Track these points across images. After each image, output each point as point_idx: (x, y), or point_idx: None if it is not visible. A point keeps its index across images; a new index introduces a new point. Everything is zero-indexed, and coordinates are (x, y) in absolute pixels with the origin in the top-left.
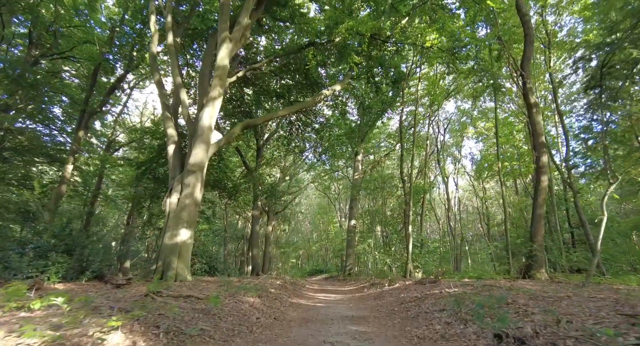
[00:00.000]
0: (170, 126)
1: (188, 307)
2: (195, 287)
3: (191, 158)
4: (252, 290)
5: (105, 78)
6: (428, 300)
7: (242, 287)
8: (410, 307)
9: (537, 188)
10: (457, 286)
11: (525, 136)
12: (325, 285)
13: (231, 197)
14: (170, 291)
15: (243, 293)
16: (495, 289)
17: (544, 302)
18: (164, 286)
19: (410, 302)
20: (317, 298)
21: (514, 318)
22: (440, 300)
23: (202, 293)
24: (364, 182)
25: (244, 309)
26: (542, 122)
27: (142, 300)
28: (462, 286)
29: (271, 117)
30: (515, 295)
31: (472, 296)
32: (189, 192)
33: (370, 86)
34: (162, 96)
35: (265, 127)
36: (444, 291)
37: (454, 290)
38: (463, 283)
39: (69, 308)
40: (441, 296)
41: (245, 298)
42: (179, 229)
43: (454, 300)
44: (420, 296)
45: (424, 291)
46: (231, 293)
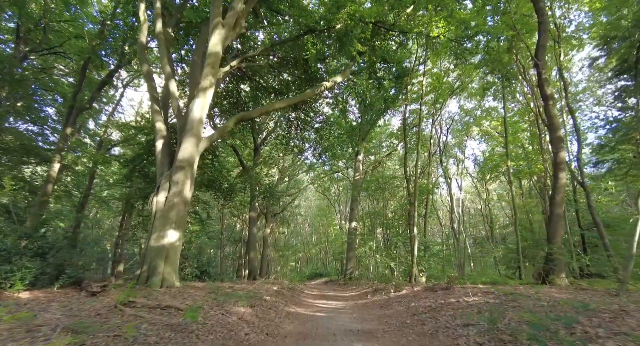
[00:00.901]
0: (158, 119)
1: (161, 322)
2: (181, 295)
3: (180, 153)
4: (243, 298)
5: (97, 76)
6: (445, 310)
7: (233, 295)
8: (425, 320)
9: (555, 186)
10: (476, 294)
11: (530, 136)
12: (325, 290)
13: (227, 198)
14: (149, 300)
15: (233, 302)
16: (523, 298)
17: (599, 319)
18: (145, 293)
19: (424, 313)
20: (317, 306)
21: (578, 344)
22: (460, 312)
23: (185, 303)
24: (365, 183)
25: (230, 323)
26: (558, 115)
27: (108, 313)
28: (482, 294)
29: (267, 110)
30: (554, 307)
31: (500, 308)
32: (178, 190)
33: (372, 82)
34: (150, 88)
35: (263, 125)
36: (461, 300)
37: (473, 298)
38: (480, 290)
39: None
40: (460, 307)
41: (234, 308)
42: (166, 230)
43: (477, 311)
44: (435, 306)
45: (438, 300)
46: (219, 302)
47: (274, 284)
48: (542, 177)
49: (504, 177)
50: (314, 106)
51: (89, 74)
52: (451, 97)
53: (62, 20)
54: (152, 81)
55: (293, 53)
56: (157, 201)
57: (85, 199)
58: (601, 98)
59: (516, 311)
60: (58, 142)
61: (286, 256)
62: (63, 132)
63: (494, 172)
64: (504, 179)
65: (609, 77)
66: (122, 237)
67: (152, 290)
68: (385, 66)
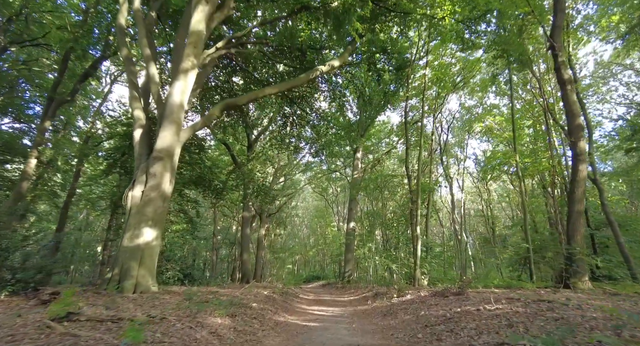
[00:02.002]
0: (137, 107)
1: (101, 342)
2: (150, 302)
3: (158, 142)
4: (224, 306)
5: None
6: (464, 321)
7: (212, 302)
8: (441, 334)
9: (574, 179)
10: (499, 300)
11: (534, 133)
12: (322, 294)
13: (217, 196)
14: (106, 310)
15: (210, 310)
16: (559, 307)
17: None
18: (108, 301)
19: (438, 324)
20: (311, 314)
21: None
22: (485, 324)
23: (149, 313)
24: (364, 182)
25: (198, 339)
26: (577, 102)
27: (36, 330)
28: (505, 301)
29: (257, 95)
30: (609, 320)
31: (536, 319)
32: (155, 183)
33: (372, 74)
34: (130, 73)
35: (257, 121)
36: (482, 308)
37: (496, 306)
38: (499, 295)
39: None
40: (483, 317)
41: (209, 319)
42: (141, 228)
43: (506, 323)
44: (450, 315)
45: (452, 308)
46: (192, 311)
47: (266, 288)
48: (550, 175)
49: (506, 176)
50: (310, 100)
51: (72, 66)
52: (453, 92)
53: (45, 10)
54: (131, 65)
55: (287, 42)
56: (132, 196)
57: (69, 199)
58: (606, 94)
59: (562, 324)
60: (36, 136)
61: (283, 259)
62: (41, 125)
63: (496, 170)
64: (505, 178)
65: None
66: (109, 238)
67: (120, 296)
68: (386, 57)
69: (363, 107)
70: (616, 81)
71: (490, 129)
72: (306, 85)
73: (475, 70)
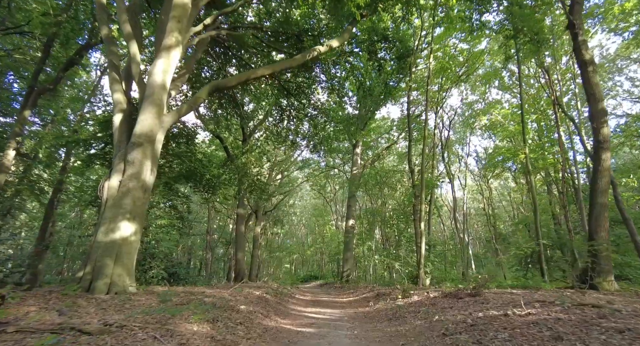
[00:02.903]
0: (117, 90)
1: None
2: (120, 305)
3: (137, 126)
4: (204, 309)
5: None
6: (493, 330)
7: (193, 304)
8: (465, 345)
9: (597, 169)
10: (531, 304)
11: (539, 128)
12: (319, 294)
13: (209, 191)
14: (61, 317)
15: (187, 315)
16: (612, 314)
17: None
18: (68, 303)
19: (459, 333)
20: (307, 317)
21: None
22: (520, 333)
23: (105, 320)
24: (363, 178)
25: None
26: (599, 84)
27: None
28: (539, 305)
29: (248, 76)
30: None
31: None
32: (134, 172)
33: (372, 63)
34: (110, 53)
35: (253, 114)
36: (510, 313)
37: (527, 311)
38: (529, 298)
39: None
40: (515, 325)
41: (183, 325)
42: (118, 222)
43: (553, 335)
44: (472, 321)
45: (472, 312)
46: (163, 317)
47: (260, 288)
48: (557, 170)
49: (508, 173)
50: (308, 92)
51: (57, 54)
52: (456, 86)
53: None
54: (112, 45)
55: (282, 27)
56: (108, 187)
57: (55, 195)
58: (612, 89)
59: (632, 339)
60: (15, 126)
61: (280, 258)
62: (20, 115)
63: (500, 166)
64: (507, 175)
65: None
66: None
67: (89, 298)
68: (387, 46)
69: (363, 99)
70: (622, 75)
71: (495, 123)
72: (303, 76)
73: (478, 62)
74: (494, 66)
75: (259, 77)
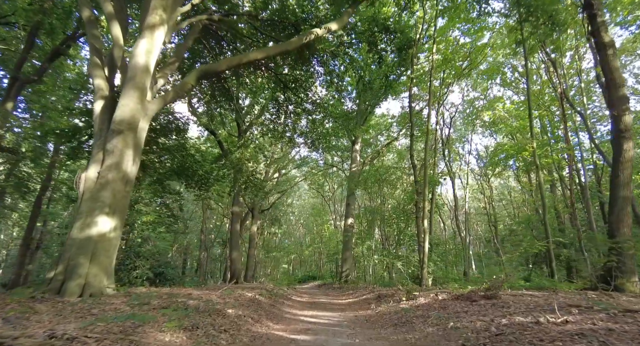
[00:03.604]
0: (98, 75)
1: None
2: (85, 311)
3: (117, 112)
4: (184, 314)
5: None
6: (528, 343)
7: (173, 308)
8: None
9: (619, 160)
10: (567, 309)
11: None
12: (317, 295)
13: (201, 187)
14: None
15: (162, 322)
16: None
17: None
18: (26, 309)
19: (483, 345)
20: (303, 321)
21: None
22: None
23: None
24: (363, 175)
25: None
26: (619, 69)
27: None
28: (578, 310)
29: (239, 60)
30: None
31: None
32: (114, 162)
33: (373, 55)
34: (92, 37)
35: (248, 108)
36: (543, 320)
37: (563, 317)
38: (563, 302)
39: None
40: (553, 335)
41: (153, 335)
42: (95, 216)
43: None
44: (497, 329)
45: (493, 318)
46: (130, 325)
47: (253, 289)
48: (562, 167)
49: (511, 171)
50: (306, 85)
51: (44, 46)
52: (458, 81)
53: None
54: (93, 28)
55: (278, 15)
56: (86, 178)
57: (42, 193)
58: None
59: None
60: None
61: (278, 258)
62: (1, 107)
63: (502, 164)
64: (509, 173)
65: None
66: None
67: (55, 302)
68: (387, 37)
69: (363, 93)
70: (625, 72)
71: (498, 120)
72: (300, 69)
73: (481, 57)
74: (497, 61)
75: (251, 61)
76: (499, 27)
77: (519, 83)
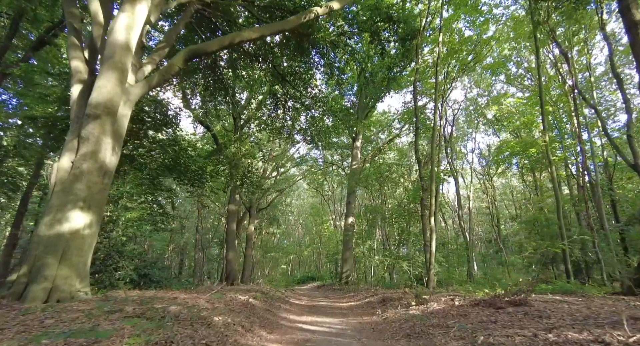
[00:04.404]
0: (76, 56)
1: None
2: (39, 321)
3: (94, 94)
4: (157, 325)
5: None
6: None
7: (147, 316)
8: None
9: None
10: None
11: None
12: (316, 298)
13: (194, 184)
14: None
15: (125, 335)
16: None
17: None
18: None
19: None
20: (301, 329)
21: None
22: None
23: None
24: (364, 173)
25: None
26: None
27: None
28: None
29: (231, 39)
30: None
31: None
32: (89, 151)
33: (375, 46)
34: (70, 15)
35: (245, 102)
36: (609, 340)
37: (635, 336)
38: (583, 305)
39: None
40: None
41: None
42: (67, 211)
43: None
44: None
45: (536, 333)
46: (82, 341)
47: (249, 291)
48: (581, 162)
49: (513, 170)
50: (305, 78)
51: None
52: (464, 73)
53: None
54: (72, 6)
55: (277, 2)
56: (58, 169)
57: (29, 190)
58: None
59: None
60: None
61: (276, 259)
62: None
63: (507, 161)
64: (511, 173)
65: None
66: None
67: (8, 310)
68: (390, 26)
69: (364, 87)
70: (632, 69)
71: (504, 115)
72: (299, 60)
73: (487, 50)
74: (502, 55)
75: (244, 41)
76: (505, 19)
77: (523, 79)
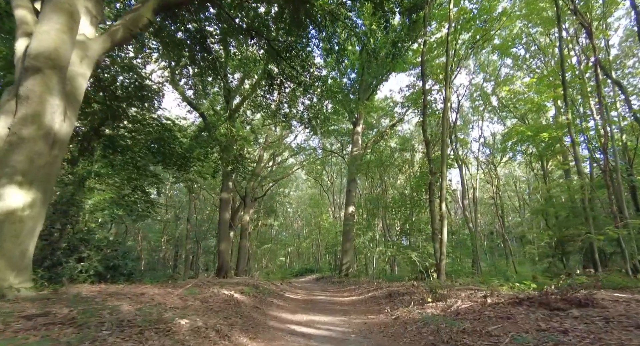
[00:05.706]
0: (22, 5)
1: None
2: None
3: (33, 43)
4: (86, 337)
5: None
6: None
7: (84, 320)
8: None
9: None
10: None
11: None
12: (315, 291)
13: (180, 168)
14: None
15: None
16: None
17: None
18: None
19: None
20: (292, 333)
21: None
22: None
23: None
24: (365, 158)
25: None
26: None
27: None
28: None
29: None
30: None
31: None
32: (31, 112)
33: (378, 18)
34: None
35: (238, 86)
36: None
37: None
38: None
39: None
40: None
41: None
42: (0, 186)
43: None
44: None
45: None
46: None
47: (235, 285)
48: (604, 144)
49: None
50: (302, 54)
51: None
52: (473, 51)
53: None
54: None
55: None
56: None
57: None
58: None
59: None
60: None
61: (274, 250)
62: None
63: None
64: (515, 163)
65: None
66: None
67: None
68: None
69: (367, 64)
70: None
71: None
72: (295, 34)
73: (497, 25)
74: (511, 33)
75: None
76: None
77: (531, 63)
